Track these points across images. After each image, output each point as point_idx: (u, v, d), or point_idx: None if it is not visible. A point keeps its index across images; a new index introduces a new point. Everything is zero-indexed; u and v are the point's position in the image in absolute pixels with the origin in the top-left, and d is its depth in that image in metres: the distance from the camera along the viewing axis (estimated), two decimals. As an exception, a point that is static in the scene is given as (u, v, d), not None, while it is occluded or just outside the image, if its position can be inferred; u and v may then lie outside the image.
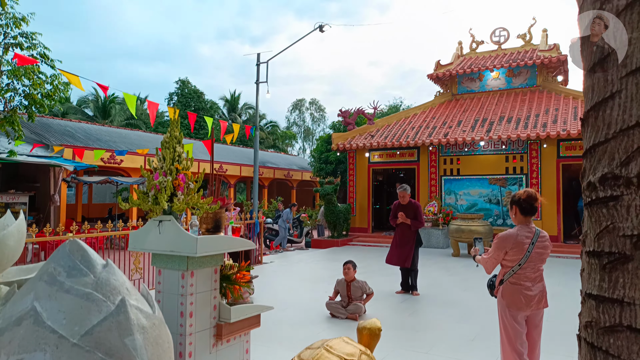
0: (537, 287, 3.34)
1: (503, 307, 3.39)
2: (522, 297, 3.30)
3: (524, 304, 3.30)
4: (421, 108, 17.68)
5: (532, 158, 13.96)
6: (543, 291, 3.39)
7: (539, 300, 3.34)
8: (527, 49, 17.10)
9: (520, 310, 3.31)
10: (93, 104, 31.75)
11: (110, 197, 23.92)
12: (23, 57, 8.42)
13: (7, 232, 2.08)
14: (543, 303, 3.39)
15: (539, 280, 3.38)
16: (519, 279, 3.32)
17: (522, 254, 3.29)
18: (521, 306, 3.30)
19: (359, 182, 16.67)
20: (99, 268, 1.27)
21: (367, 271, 9.27)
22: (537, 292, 3.33)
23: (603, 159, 1.31)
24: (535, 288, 3.33)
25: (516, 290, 3.31)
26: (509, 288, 3.35)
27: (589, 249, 1.34)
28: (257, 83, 14.10)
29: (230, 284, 3.63)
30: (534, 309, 3.34)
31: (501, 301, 3.40)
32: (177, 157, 3.56)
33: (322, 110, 49.30)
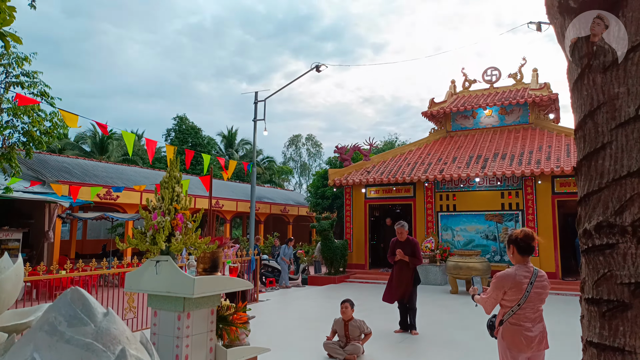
0: (538, 328, 3.31)
1: (504, 349, 3.34)
2: (523, 338, 3.25)
3: (524, 345, 3.25)
4: (416, 144, 17.91)
5: (528, 194, 14.06)
6: (543, 332, 3.35)
7: (540, 341, 3.30)
8: (519, 88, 17.53)
9: (521, 351, 3.27)
10: (90, 140, 31.94)
11: (105, 233, 23.70)
12: (24, 97, 8.56)
13: (4, 276, 2.07)
14: (544, 344, 3.35)
15: (539, 321, 3.35)
16: (518, 319, 3.29)
17: (521, 294, 3.27)
18: (522, 347, 3.26)
19: (356, 218, 16.66)
20: (99, 317, 1.27)
21: (365, 309, 9.13)
22: (538, 333, 3.29)
23: (597, 208, 1.35)
24: (536, 329, 3.29)
25: (516, 331, 3.28)
26: (509, 329, 3.31)
27: (588, 296, 1.35)
28: (254, 121, 14.30)
29: (226, 325, 3.58)
30: (535, 350, 3.29)
31: (502, 342, 3.36)
32: (176, 197, 3.58)
33: (319, 145, 49.77)
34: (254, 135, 14.38)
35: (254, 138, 14.46)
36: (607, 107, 1.35)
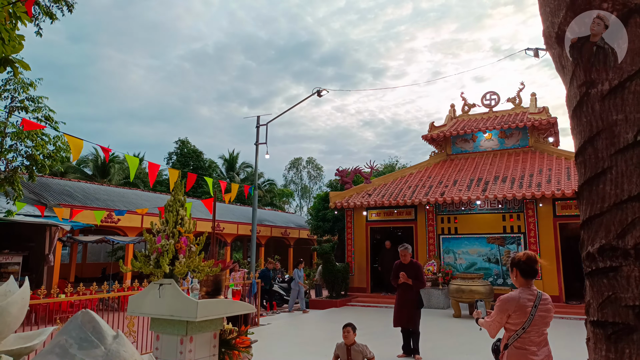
0: (543, 352, 3.28)
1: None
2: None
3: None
4: (417, 167, 17.99)
5: (529, 217, 14.04)
6: (549, 355, 3.32)
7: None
8: (518, 112, 17.70)
9: None
10: (92, 163, 32.10)
11: (105, 256, 23.58)
12: (29, 122, 8.66)
13: (11, 300, 2.07)
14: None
15: (544, 345, 3.33)
16: (523, 343, 3.26)
17: (525, 317, 3.26)
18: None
19: (357, 241, 16.60)
20: (109, 339, 1.28)
21: (367, 333, 9.02)
22: (543, 357, 3.27)
23: (600, 231, 1.37)
24: (541, 352, 3.27)
25: (522, 355, 3.24)
26: (514, 353, 3.28)
27: (593, 318, 1.37)
28: (256, 144, 14.41)
29: (229, 349, 3.55)
30: None
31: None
32: (180, 220, 3.60)
33: (319, 168, 49.97)
34: (256, 158, 14.47)
35: (255, 161, 14.56)
36: (606, 134, 1.39)
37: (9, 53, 3.84)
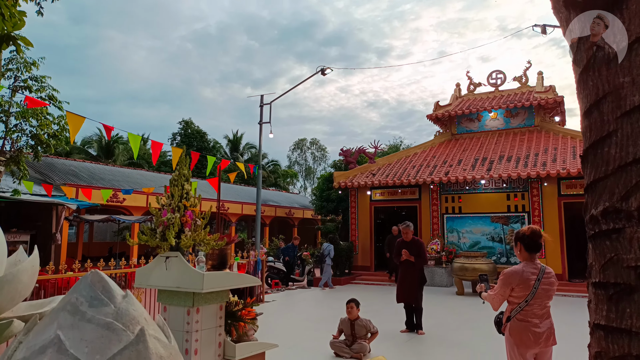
0: (545, 324, 3.32)
1: (511, 345, 3.34)
2: (531, 334, 3.26)
3: (532, 342, 3.26)
4: (421, 147, 17.92)
5: (534, 196, 14.02)
6: (551, 328, 3.36)
7: (547, 338, 3.31)
8: (524, 91, 17.51)
9: (528, 347, 3.27)
10: (97, 144, 32.17)
11: (111, 236, 23.83)
12: (33, 99, 8.66)
13: (21, 267, 2.11)
14: (551, 340, 3.35)
15: (547, 317, 3.36)
16: (526, 315, 3.30)
17: (528, 291, 3.28)
18: (529, 344, 3.26)
19: (361, 221, 16.67)
20: (119, 299, 1.31)
21: (371, 310, 9.13)
22: (545, 329, 3.30)
23: (604, 194, 1.38)
24: (543, 325, 3.30)
25: (524, 328, 3.28)
26: (516, 325, 3.32)
27: (595, 280, 1.38)
28: (260, 124, 14.37)
29: (235, 321, 3.62)
30: (542, 346, 3.29)
31: (509, 339, 3.36)
32: (185, 194, 3.63)
33: (323, 149, 49.86)
34: (260, 137, 14.46)
35: (259, 140, 14.54)
36: (612, 97, 1.38)
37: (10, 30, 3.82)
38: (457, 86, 19.06)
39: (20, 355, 1.17)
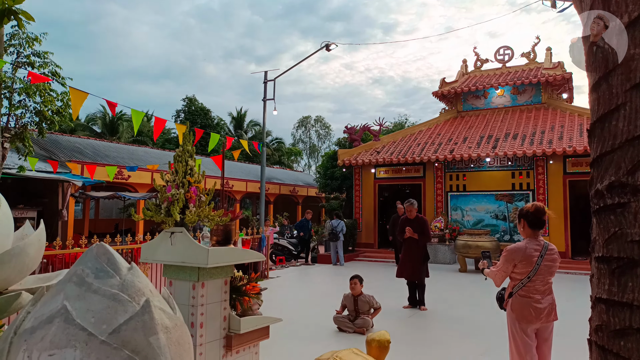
0: (547, 300, 3.34)
1: (513, 320, 3.38)
2: (532, 309, 3.29)
3: (533, 317, 3.29)
4: (426, 125, 17.79)
5: (539, 174, 13.96)
6: (552, 304, 3.39)
7: (549, 313, 3.34)
8: (532, 67, 17.23)
9: (530, 323, 3.31)
10: (101, 121, 32.16)
11: (117, 213, 24.05)
12: (36, 75, 8.60)
13: (28, 240, 2.14)
14: (553, 316, 3.38)
15: (548, 293, 3.39)
16: (528, 291, 3.32)
17: (531, 267, 3.30)
18: (531, 319, 3.30)
19: (365, 198, 16.70)
20: (124, 270, 1.32)
21: (374, 286, 9.23)
22: (547, 305, 3.33)
23: (610, 168, 1.36)
24: (545, 301, 3.33)
25: (526, 303, 3.31)
26: (518, 301, 3.35)
27: (598, 254, 1.38)
28: (264, 100, 14.27)
29: (240, 295, 3.66)
30: (544, 321, 3.33)
31: (511, 314, 3.40)
32: (189, 171, 3.63)
33: (328, 127, 49.64)
34: (264, 114, 14.38)
35: (263, 117, 14.47)
36: (622, 69, 1.35)
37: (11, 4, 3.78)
38: (464, 62, 18.77)
39: (29, 325, 1.20)
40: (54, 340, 1.13)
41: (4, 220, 2.09)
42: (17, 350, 1.15)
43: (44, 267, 9.51)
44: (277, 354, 4.87)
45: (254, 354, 3.60)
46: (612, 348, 1.29)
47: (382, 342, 3.27)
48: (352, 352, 3.00)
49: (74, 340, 1.13)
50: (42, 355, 1.12)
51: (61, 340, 1.13)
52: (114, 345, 1.15)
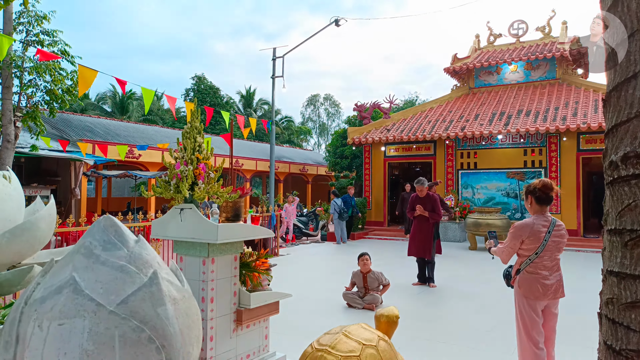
0: (555, 277, 3.33)
1: (520, 297, 3.37)
2: (540, 286, 3.28)
3: (541, 293, 3.28)
4: (438, 102, 17.55)
5: (551, 151, 13.77)
6: (560, 280, 3.37)
7: (556, 290, 3.33)
8: (547, 42, 16.81)
9: (537, 299, 3.30)
10: (111, 100, 32.26)
11: (129, 191, 24.33)
12: (45, 52, 8.61)
13: (39, 215, 2.16)
14: (560, 293, 3.37)
15: (556, 270, 3.36)
16: (536, 268, 3.30)
17: (538, 243, 3.27)
18: (538, 295, 3.29)
19: (375, 176, 16.65)
20: (131, 243, 1.33)
21: (383, 264, 9.29)
22: (555, 282, 3.31)
23: (625, 138, 1.32)
24: (553, 277, 3.31)
25: (534, 280, 3.29)
26: (526, 277, 3.33)
27: (611, 227, 1.35)
28: (273, 77, 14.16)
29: (249, 271, 3.70)
30: (551, 298, 3.32)
31: (518, 291, 3.39)
32: (198, 147, 3.63)
33: (337, 105, 49.28)
34: (273, 92, 14.29)
35: (272, 95, 14.38)
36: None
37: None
38: (477, 38, 18.37)
39: (39, 295, 1.21)
40: (63, 310, 1.15)
41: (14, 194, 2.11)
42: (28, 319, 1.17)
43: (58, 244, 9.70)
44: (287, 329, 4.95)
45: (264, 329, 3.65)
46: (622, 321, 1.27)
47: (390, 317, 3.28)
48: (360, 326, 3.03)
49: (82, 310, 1.15)
50: (52, 324, 1.14)
51: (70, 310, 1.15)
52: (123, 315, 1.17)
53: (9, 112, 9.96)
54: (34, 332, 1.15)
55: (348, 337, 2.85)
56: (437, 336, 4.84)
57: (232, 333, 3.35)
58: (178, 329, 1.25)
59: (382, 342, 2.92)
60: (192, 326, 1.32)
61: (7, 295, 2.08)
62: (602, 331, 1.37)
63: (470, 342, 4.66)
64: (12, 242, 1.95)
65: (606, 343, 1.33)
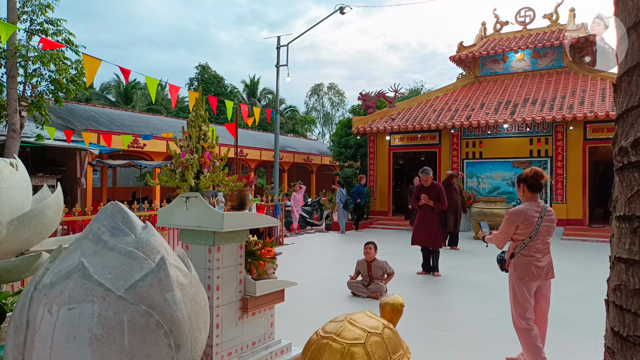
0: (546, 259, 3.58)
1: (516, 279, 3.60)
2: (534, 268, 3.52)
3: (535, 275, 3.52)
4: (443, 91, 17.43)
5: (558, 140, 13.68)
6: (550, 263, 3.63)
7: (547, 271, 3.58)
8: (554, 29, 16.62)
9: (532, 280, 3.54)
10: (115, 90, 32.25)
11: (134, 181, 24.43)
12: (49, 41, 8.59)
13: (46, 202, 2.17)
14: (550, 274, 3.63)
15: (547, 252, 3.61)
16: (529, 251, 3.54)
17: (532, 228, 3.52)
18: (533, 276, 3.53)
19: (379, 166, 16.62)
20: (139, 229, 1.33)
21: (388, 253, 9.31)
22: (546, 264, 3.57)
23: (636, 124, 1.30)
24: (544, 259, 3.56)
25: (528, 262, 3.53)
26: (521, 260, 3.55)
27: (620, 213, 1.34)
28: (277, 66, 14.09)
29: (255, 259, 3.71)
30: (543, 279, 3.58)
31: (514, 273, 3.61)
32: (203, 136, 3.62)
33: (341, 94, 49.04)
34: (277, 80, 14.22)
35: (277, 83, 14.32)
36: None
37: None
38: (483, 25, 18.17)
39: (48, 280, 1.22)
40: (72, 295, 1.16)
41: (22, 183, 2.12)
42: (38, 304, 1.18)
43: (65, 233, 9.77)
44: (293, 317, 4.98)
45: (270, 316, 3.67)
46: (630, 307, 1.27)
47: (395, 305, 3.29)
48: (365, 314, 3.04)
49: (91, 295, 1.16)
50: (62, 309, 1.15)
51: (79, 295, 1.16)
52: (131, 300, 1.17)
53: (14, 102, 9.98)
54: (43, 317, 1.16)
55: (353, 324, 2.87)
56: (442, 324, 4.86)
57: (238, 321, 3.37)
58: (186, 314, 1.26)
59: (387, 330, 2.94)
60: (200, 312, 1.32)
61: (15, 281, 2.10)
62: (610, 318, 1.36)
63: (474, 330, 4.68)
64: (20, 229, 1.96)
65: (613, 330, 1.33)
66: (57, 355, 1.13)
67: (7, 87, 9.92)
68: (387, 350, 2.78)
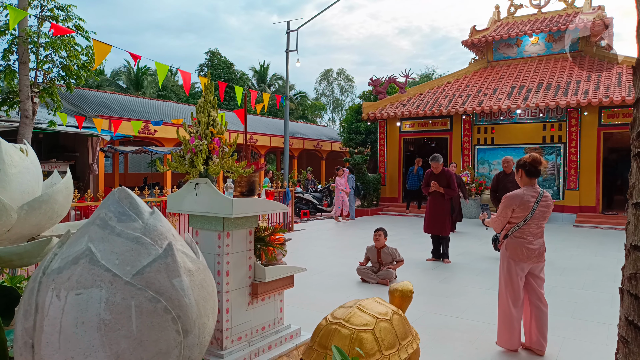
0: (538, 242, 3.70)
1: (506, 259, 3.73)
2: (525, 249, 3.64)
3: (525, 256, 3.65)
4: (455, 76, 17.19)
5: (572, 126, 13.45)
6: (543, 246, 3.73)
7: (539, 255, 3.69)
8: (569, 12, 16.23)
9: (522, 261, 3.66)
10: (125, 76, 32.33)
11: (145, 167, 24.61)
12: (59, 27, 8.59)
13: (56, 188, 2.18)
14: (542, 257, 3.74)
15: (540, 236, 3.73)
16: (522, 233, 3.66)
17: (527, 212, 3.64)
18: (523, 258, 3.65)
19: (390, 152, 16.53)
20: (146, 215, 1.33)
21: (398, 239, 9.30)
22: (538, 247, 3.68)
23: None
24: (537, 243, 3.68)
25: (519, 244, 3.66)
26: (512, 242, 3.69)
27: (637, 200, 1.31)
28: (287, 51, 13.99)
29: (264, 245, 3.72)
30: (534, 261, 3.69)
31: (505, 253, 3.75)
32: (212, 122, 3.61)
33: (351, 80, 48.64)
34: (287, 66, 14.13)
35: (286, 68, 14.23)
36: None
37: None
38: (496, 9, 17.81)
39: (56, 265, 1.23)
40: (80, 280, 1.16)
41: (32, 168, 2.13)
42: (46, 289, 1.19)
43: (78, 218, 9.89)
44: (302, 302, 5.01)
45: (279, 302, 3.69)
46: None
47: (404, 292, 3.28)
48: (374, 300, 3.04)
49: (99, 280, 1.16)
50: (70, 294, 1.16)
51: (87, 280, 1.16)
52: (139, 286, 1.17)
53: (26, 88, 10.05)
54: (52, 302, 1.17)
55: (362, 310, 2.87)
56: (451, 311, 4.86)
57: (248, 306, 3.39)
58: (193, 300, 1.26)
59: (396, 316, 2.94)
60: (207, 298, 1.32)
61: (27, 266, 2.12)
62: (624, 307, 1.34)
63: (484, 317, 4.67)
64: (30, 214, 1.97)
65: (627, 318, 1.30)
66: (65, 339, 1.14)
67: (19, 73, 9.99)
68: (396, 336, 2.78)
